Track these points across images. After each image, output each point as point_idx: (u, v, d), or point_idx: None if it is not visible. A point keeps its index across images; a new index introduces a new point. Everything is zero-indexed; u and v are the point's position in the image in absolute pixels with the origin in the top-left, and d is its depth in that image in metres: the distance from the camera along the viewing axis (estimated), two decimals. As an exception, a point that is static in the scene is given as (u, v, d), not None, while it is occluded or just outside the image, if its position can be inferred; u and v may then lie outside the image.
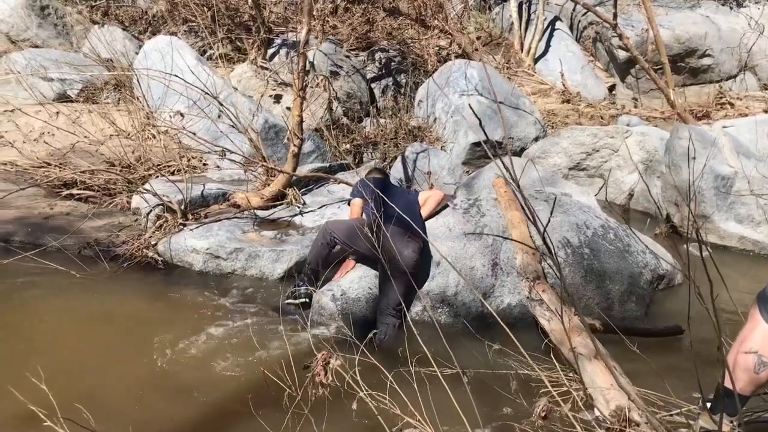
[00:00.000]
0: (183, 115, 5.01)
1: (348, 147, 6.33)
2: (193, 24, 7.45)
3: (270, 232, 4.38)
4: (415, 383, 2.28)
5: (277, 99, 6.58)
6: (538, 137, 6.59)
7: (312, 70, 6.71)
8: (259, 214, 4.58)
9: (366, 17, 8.05)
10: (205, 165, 5.52)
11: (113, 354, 3.10)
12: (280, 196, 4.78)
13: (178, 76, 5.06)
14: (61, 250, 3.85)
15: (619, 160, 6.12)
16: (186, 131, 5.06)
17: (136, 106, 5.75)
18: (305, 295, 3.59)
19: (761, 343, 2.10)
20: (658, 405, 2.53)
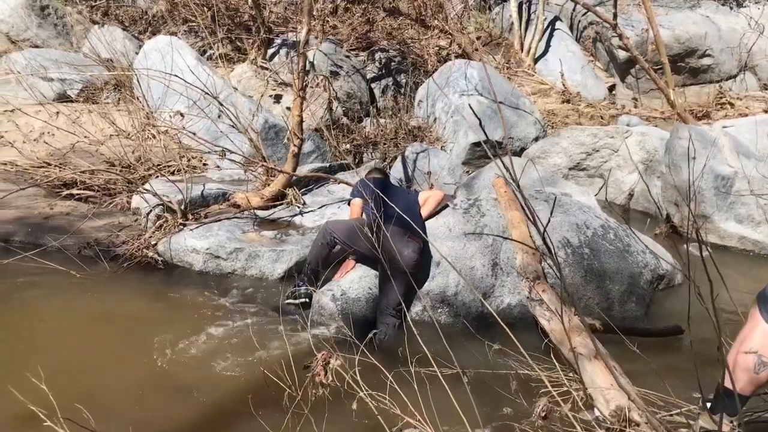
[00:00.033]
0: (183, 115, 5.01)
1: (348, 147, 6.33)
2: (193, 24, 7.45)
3: (270, 232, 4.38)
4: (415, 383, 2.28)
5: (277, 99, 6.58)
6: (538, 137, 6.59)
7: (312, 70, 6.71)
8: (259, 214, 4.59)
9: (366, 17, 8.05)
10: (205, 165, 5.52)
11: (113, 354, 3.10)
12: (280, 196, 4.78)
13: (178, 76, 5.06)
14: (61, 250, 3.86)
15: (619, 160, 6.11)
16: (186, 131, 5.06)
17: (136, 106, 5.75)
18: (305, 295, 3.59)
19: (761, 343, 2.10)
20: (658, 405, 2.53)
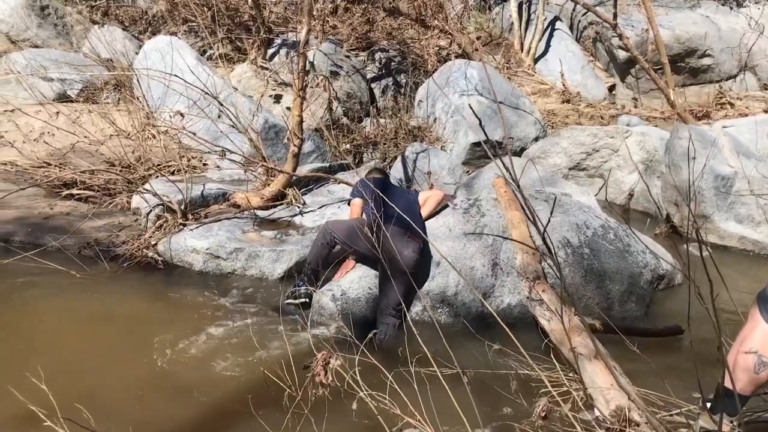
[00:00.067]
0: (183, 115, 5.01)
1: (348, 147, 6.33)
2: (193, 24, 7.45)
3: (270, 232, 4.38)
4: (415, 383, 2.28)
5: (277, 99, 6.58)
6: (538, 137, 6.59)
7: (312, 70, 6.71)
8: (259, 214, 4.59)
9: (366, 17, 8.05)
10: (205, 165, 5.52)
11: (113, 354, 3.10)
12: (280, 196, 4.78)
13: (178, 76, 5.06)
14: (61, 250, 3.85)
15: (619, 160, 6.11)
16: (186, 131, 5.06)
17: (136, 106, 5.75)
18: (305, 295, 3.59)
19: (761, 343, 2.10)
20: (658, 405, 2.53)
